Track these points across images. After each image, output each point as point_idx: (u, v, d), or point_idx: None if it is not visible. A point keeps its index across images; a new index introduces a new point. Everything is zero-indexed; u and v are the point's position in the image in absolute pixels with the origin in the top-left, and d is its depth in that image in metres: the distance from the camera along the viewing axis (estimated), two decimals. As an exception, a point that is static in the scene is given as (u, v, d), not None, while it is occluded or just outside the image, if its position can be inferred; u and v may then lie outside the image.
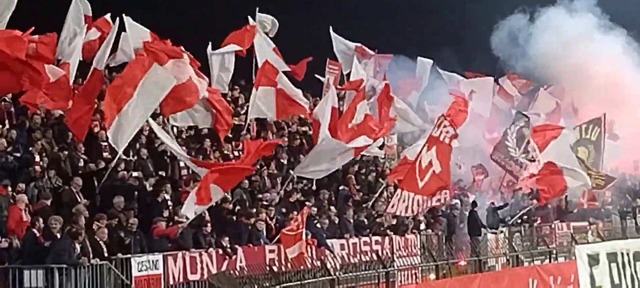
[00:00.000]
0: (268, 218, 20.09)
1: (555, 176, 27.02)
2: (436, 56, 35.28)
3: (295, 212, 20.68)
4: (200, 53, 23.79)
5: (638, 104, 39.14)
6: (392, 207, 21.88)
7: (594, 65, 38.07)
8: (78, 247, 15.74)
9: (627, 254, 26.48)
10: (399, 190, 21.86)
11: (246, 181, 21.29)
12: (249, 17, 27.26)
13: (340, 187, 24.35)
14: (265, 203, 20.64)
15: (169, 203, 18.97)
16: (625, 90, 38.49)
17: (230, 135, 23.38)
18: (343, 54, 31.79)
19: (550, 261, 25.49)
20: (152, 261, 16.96)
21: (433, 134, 22.19)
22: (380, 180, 25.98)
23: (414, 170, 21.76)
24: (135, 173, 19.61)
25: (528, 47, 37.87)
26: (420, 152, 22.05)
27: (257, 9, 27.92)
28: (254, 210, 19.92)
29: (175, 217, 18.19)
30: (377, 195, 24.45)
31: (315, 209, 21.60)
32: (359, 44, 32.39)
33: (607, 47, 39.09)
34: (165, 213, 18.40)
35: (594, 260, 25.01)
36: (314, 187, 23.53)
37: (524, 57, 37.78)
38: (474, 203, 25.97)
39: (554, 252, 26.24)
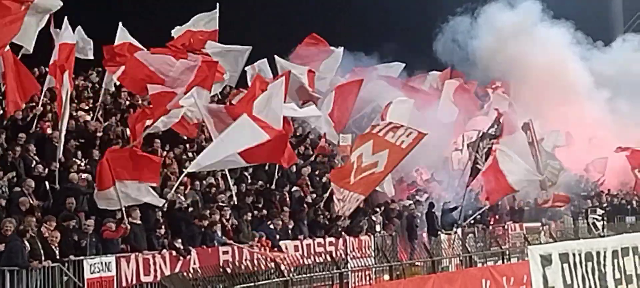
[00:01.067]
0: (224, 220, 20.32)
1: (499, 176, 27.64)
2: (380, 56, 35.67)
3: (250, 213, 20.99)
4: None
5: (585, 98, 39.91)
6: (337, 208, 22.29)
7: (538, 59, 38.68)
8: (28, 248, 15.86)
9: (579, 254, 26.97)
10: (341, 190, 22.15)
11: (197, 182, 21.58)
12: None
13: (294, 188, 24.60)
14: (220, 204, 20.83)
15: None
16: (572, 85, 39.14)
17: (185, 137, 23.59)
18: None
19: (503, 262, 25.96)
20: (105, 263, 17.11)
21: (387, 138, 22.47)
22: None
23: (351, 167, 22.15)
24: (84, 175, 19.69)
25: (471, 46, 38.39)
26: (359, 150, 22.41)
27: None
28: (208, 211, 20.09)
29: (129, 218, 18.31)
30: (327, 195, 24.69)
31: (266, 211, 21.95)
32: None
33: (552, 41, 39.81)
34: (118, 216, 18.54)
35: (546, 260, 25.40)
36: (269, 188, 23.75)
37: (469, 57, 38.35)
38: (431, 205, 26.44)
39: (507, 252, 26.71)
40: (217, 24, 27.16)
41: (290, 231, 21.84)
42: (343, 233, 22.81)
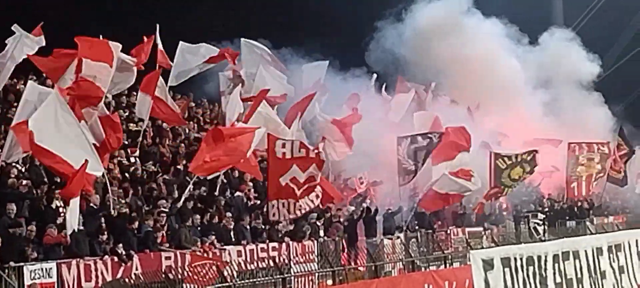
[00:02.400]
0: (160, 225, 20.50)
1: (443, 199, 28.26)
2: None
3: (192, 217, 21.21)
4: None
5: (522, 97, 40.51)
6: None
7: (473, 57, 39.18)
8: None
9: (521, 259, 27.54)
10: None
11: (139, 188, 21.77)
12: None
13: (236, 193, 24.82)
14: (162, 210, 21.01)
15: (61, 210, 19.20)
16: (507, 83, 39.74)
17: (127, 142, 23.68)
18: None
19: (445, 266, 26.36)
20: (46, 269, 17.19)
21: None
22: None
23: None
24: (25, 182, 19.77)
25: (404, 45, 38.75)
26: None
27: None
28: (150, 216, 20.28)
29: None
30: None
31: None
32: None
33: (484, 36, 40.36)
34: (59, 221, 18.66)
35: (488, 265, 25.89)
36: (212, 193, 23.96)
37: (402, 58, 38.68)
38: (374, 210, 26.84)
39: (450, 257, 27.13)
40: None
41: (233, 236, 22.08)
42: (286, 238, 23.09)
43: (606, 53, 61.83)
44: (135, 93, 27.25)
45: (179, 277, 19.01)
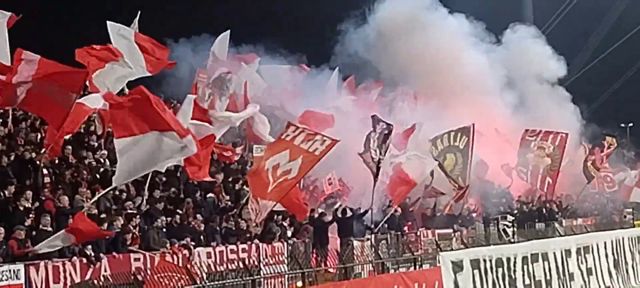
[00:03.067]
0: (129, 226, 20.53)
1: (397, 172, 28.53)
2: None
3: (161, 218, 21.24)
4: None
5: (486, 93, 40.75)
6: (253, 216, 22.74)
7: (437, 54, 39.37)
8: None
9: (490, 261, 27.87)
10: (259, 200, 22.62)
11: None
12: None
13: (207, 195, 24.86)
14: (130, 211, 21.03)
15: (31, 212, 19.21)
16: (473, 81, 39.98)
17: (96, 144, 23.71)
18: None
19: (415, 268, 26.40)
20: (13, 271, 17.14)
21: (302, 146, 22.98)
22: (246, 188, 26.62)
23: (267, 176, 22.63)
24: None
25: (369, 46, 38.89)
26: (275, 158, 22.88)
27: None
28: (119, 218, 20.29)
29: (40, 226, 18.41)
30: (243, 202, 25.04)
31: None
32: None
33: (449, 35, 40.57)
34: (27, 222, 18.63)
35: (457, 266, 26.19)
36: (181, 195, 24.00)
37: (366, 57, 38.83)
38: (344, 211, 26.97)
39: (419, 259, 27.23)
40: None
41: (203, 238, 22.13)
42: (256, 240, 23.17)
43: (575, 56, 62.55)
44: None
45: (148, 278, 18.99)
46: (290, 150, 22.86)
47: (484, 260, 27.54)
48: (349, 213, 26.86)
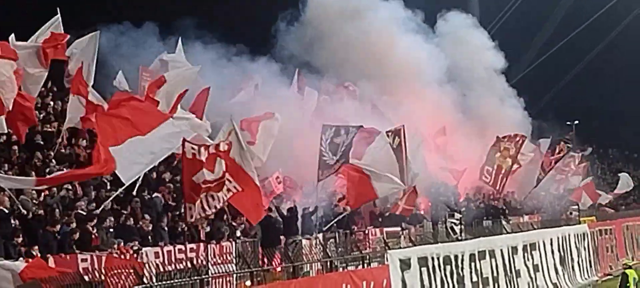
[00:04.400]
0: (77, 227, 20.55)
1: (363, 182, 28.71)
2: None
3: (109, 219, 21.29)
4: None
5: (422, 83, 41.08)
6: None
7: (377, 45, 39.57)
8: None
9: (438, 258, 28.17)
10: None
11: (55, 189, 21.76)
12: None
13: (154, 194, 24.91)
14: (78, 212, 21.05)
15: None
16: (412, 71, 40.27)
17: (42, 143, 23.62)
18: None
19: (363, 266, 26.51)
20: (-45, 271, 17.17)
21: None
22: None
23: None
24: None
25: (307, 41, 39.02)
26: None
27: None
28: (67, 218, 20.31)
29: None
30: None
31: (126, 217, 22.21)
32: None
33: (386, 25, 40.80)
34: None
35: (405, 264, 26.38)
36: (129, 194, 24.04)
37: (307, 52, 38.93)
38: (292, 210, 27.17)
39: (368, 257, 27.46)
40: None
41: (150, 238, 22.20)
42: (204, 239, 23.26)
43: (521, 54, 63.36)
44: (51, 94, 27.27)
45: (96, 279, 19.02)
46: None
47: (432, 258, 27.79)
48: (297, 212, 27.13)
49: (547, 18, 68.17)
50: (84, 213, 21.24)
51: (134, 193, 23.96)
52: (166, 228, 22.92)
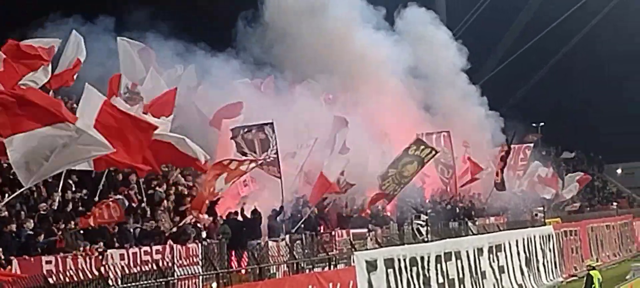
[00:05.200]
0: (41, 229, 20.43)
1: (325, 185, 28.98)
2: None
3: (73, 222, 21.19)
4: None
5: (386, 80, 41.17)
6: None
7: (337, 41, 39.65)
8: None
9: (404, 260, 28.41)
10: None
11: (17, 190, 21.58)
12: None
13: (117, 196, 24.77)
14: (42, 213, 20.94)
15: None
16: (374, 68, 40.35)
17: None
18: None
19: (330, 268, 26.69)
20: None
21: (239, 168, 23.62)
22: (159, 189, 26.69)
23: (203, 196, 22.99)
24: None
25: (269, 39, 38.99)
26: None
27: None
28: (30, 220, 20.19)
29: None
30: (156, 203, 25.11)
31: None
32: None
33: (347, 21, 40.88)
34: None
35: (372, 266, 26.60)
36: (96, 197, 23.94)
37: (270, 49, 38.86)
38: (254, 212, 27.21)
39: (334, 259, 27.59)
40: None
41: (116, 239, 22.12)
42: (170, 241, 23.24)
43: (488, 56, 63.78)
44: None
45: (60, 281, 18.93)
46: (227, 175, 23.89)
47: (398, 260, 28.03)
48: (263, 214, 27.20)
49: (513, 21, 68.67)
50: (48, 215, 21.08)
51: (98, 195, 23.86)
52: (132, 230, 22.82)
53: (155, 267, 21.40)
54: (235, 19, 39.62)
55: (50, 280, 18.68)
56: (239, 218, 26.88)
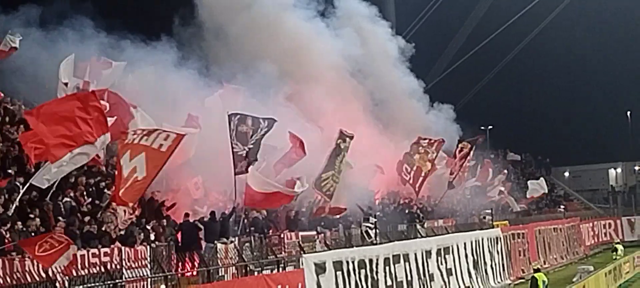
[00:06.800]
0: None
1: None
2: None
3: (20, 223, 21.17)
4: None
5: (325, 72, 41.44)
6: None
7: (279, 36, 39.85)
8: None
9: (353, 262, 28.73)
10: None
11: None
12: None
13: (65, 199, 24.74)
14: (-11, 215, 20.93)
15: None
16: (318, 62, 40.61)
17: None
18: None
19: (279, 270, 26.94)
20: None
21: (142, 143, 23.33)
22: (107, 191, 26.67)
23: (119, 180, 22.96)
24: None
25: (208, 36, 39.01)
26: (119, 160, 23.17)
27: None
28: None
29: None
30: (105, 205, 25.11)
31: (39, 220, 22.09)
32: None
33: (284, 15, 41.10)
34: None
35: (320, 268, 26.88)
36: (43, 197, 23.87)
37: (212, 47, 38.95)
38: (212, 213, 27.35)
39: (283, 261, 27.84)
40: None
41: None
42: (118, 243, 23.27)
43: (437, 59, 64.34)
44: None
45: (7, 284, 18.94)
46: (130, 151, 23.15)
47: (347, 262, 28.35)
48: (214, 216, 27.34)
49: (461, 26, 69.34)
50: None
51: (48, 196, 23.82)
52: (78, 232, 22.80)
53: (103, 270, 21.49)
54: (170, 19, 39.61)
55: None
56: (192, 220, 26.90)
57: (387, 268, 30.69)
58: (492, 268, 40.59)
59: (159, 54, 34.56)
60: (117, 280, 21.48)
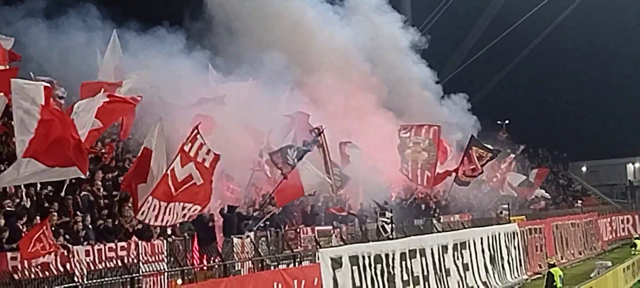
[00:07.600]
0: (5, 225, 20.62)
1: (292, 178, 29.32)
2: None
3: (38, 217, 21.38)
4: None
5: (345, 68, 41.47)
6: (142, 214, 22.99)
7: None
8: None
9: (369, 257, 28.79)
10: (150, 198, 22.96)
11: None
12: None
13: (82, 193, 24.93)
14: (7, 209, 21.11)
15: None
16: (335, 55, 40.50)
17: None
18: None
19: (295, 265, 26.93)
20: None
21: (191, 153, 23.66)
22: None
23: (165, 179, 23.13)
24: None
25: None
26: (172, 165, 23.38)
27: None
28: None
29: None
30: (122, 199, 25.24)
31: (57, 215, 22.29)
32: None
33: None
34: None
35: (336, 263, 26.96)
36: (60, 192, 24.09)
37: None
38: (230, 208, 27.50)
39: (299, 256, 27.87)
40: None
41: (81, 236, 22.33)
42: (135, 237, 23.45)
43: (453, 53, 64.26)
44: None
45: (25, 277, 19.12)
46: (180, 156, 23.47)
47: (363, 257, 28.40)
48: (231, 211, 27.47)
49: (478, 19, 69.24)
50: (13, 211, 21.26)
51: (64, 191, 24.02)
52: (90, 227, 22.99)
53: (120, 264, 21.67)
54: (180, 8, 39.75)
55: (15, 276, 18.90)
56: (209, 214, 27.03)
57: (403, 263, 30.74)
58: (509, 263, 40.60)
59: (167, 46, 34.62)
60: (134, 274, 21.61)
